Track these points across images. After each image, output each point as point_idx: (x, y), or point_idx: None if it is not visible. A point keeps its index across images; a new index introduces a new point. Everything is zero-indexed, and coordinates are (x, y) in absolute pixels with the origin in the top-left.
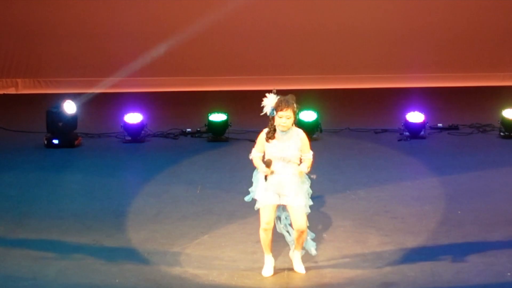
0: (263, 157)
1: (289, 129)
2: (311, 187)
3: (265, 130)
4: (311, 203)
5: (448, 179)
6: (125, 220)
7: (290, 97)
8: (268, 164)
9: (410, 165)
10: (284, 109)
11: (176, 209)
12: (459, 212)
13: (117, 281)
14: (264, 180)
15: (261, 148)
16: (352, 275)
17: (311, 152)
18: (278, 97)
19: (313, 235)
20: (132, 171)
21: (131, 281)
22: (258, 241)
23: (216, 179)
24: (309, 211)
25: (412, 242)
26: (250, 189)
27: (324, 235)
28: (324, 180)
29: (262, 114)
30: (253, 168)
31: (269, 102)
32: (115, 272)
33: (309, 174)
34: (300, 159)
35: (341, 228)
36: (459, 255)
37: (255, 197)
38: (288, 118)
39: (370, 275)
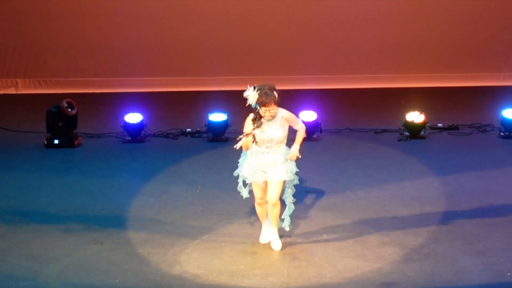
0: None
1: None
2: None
3: (251, 115)
4: (292, 177)
5: (448, 179)
6: (125, 220)
7: (268, 89)
8: (258, 125)
9: (410, 165)
10: (267, 105)
11: (176, 209)
12: (459, 212)
13: (117, 281)
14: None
15: (249, 127)
16: (352, 275)
17: (301, 124)
18: (258, 91)
19: (293, 208)
20: (132, 171)
21: (131, 281)
22: (258, 242)
23: (216, 179)
24: (296, 182)
25: (412, 242)
26: (238, 164)
27: (324, 235)
28: (324, 180)
29: (247, 105)
30: None
31: (251, 96)
32: (115, 272)
33: None
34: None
35: (341, 228)
36: (459, 255)
37: (242, 173)
38: (271, 111)
39: (370, 275)
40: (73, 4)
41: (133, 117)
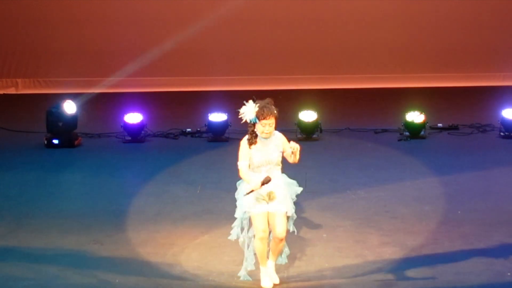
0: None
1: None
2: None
3: (246, 137)
4: (293, 210)
5: (448, 179)
6: (125, 220)
7: (269, 102)
8: (266, 181)
9: (410, 165)
10: (268, 117)
11: (176, 209)
12: (459, 212)
13: (117, 281)
14: (244, 194)
15: (246, 155)
16: (352, 275)
17: None
18: (258, 104)
19: (288, 252)
20: (132, 171)
21: (131, 281)
22: None
23: (216, 179)
24: (295, 216)
25: (412, 242)
26: (237, 203)
27: (324, 235)
28: (324, 180)
29: (242, 122)
30: None
31: (249, 110)
32: (115, 272)
33: None
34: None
35: (341, 228)
36: (459, 255)
37: (245, 209)
38: (271, 126)
39: (370, 275)
40: (73, 5)
41: (133, 117)
